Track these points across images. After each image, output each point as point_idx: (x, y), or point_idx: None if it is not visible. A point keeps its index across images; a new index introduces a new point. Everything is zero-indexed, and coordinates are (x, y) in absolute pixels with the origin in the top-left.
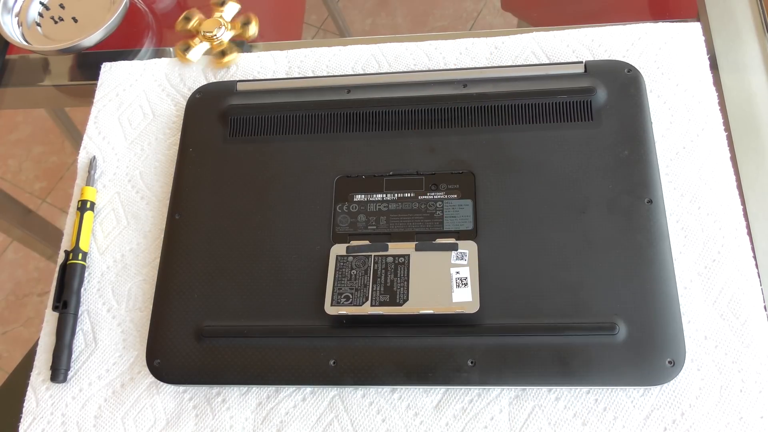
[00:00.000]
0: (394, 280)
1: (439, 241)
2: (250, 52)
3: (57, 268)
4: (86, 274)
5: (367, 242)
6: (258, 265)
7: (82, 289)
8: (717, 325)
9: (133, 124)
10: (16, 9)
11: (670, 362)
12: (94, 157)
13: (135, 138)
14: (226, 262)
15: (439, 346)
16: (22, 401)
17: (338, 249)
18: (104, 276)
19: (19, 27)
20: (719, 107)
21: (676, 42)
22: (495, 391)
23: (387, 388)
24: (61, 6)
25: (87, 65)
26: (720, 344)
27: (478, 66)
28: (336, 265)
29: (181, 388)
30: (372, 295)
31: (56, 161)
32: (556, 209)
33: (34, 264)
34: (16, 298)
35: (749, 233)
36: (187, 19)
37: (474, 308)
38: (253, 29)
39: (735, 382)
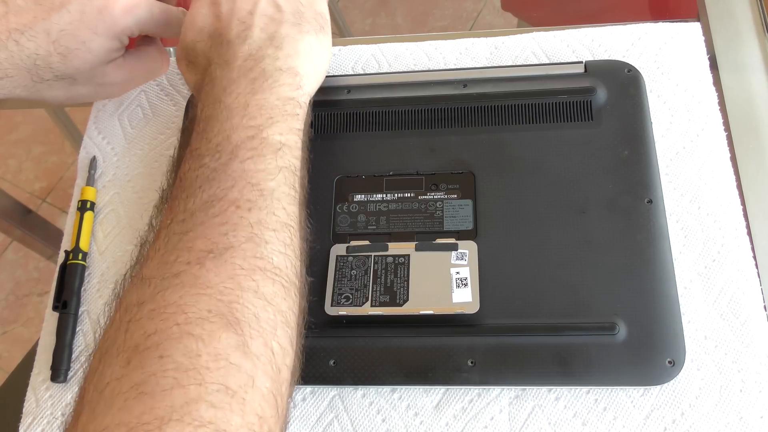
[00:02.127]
0: (394, 281)
1: (439, 241)
2: None
3: (57, 268)
4: (86, 274)
5: (367, 242)
6: None
7: (82, 289)
8: (717, 325)
9: (133, 124)
10: None
11: (670, 362)
12: (94, 157)
13: (135, 138)
14: None
15: (438, 346)
16: (22, 401)
17: (338, 249)
18: (104, 276)
19: None
20: (719, 107)
21: (676, 42)
22: (495, 391)
23: (387, 388)
24: None
25: None
26: (720, 344)
27: (478, 66)
28: (336, 265)
29: None
30: (372, 295)
31: (56, 161)
32: (556, 209)
33: (34, 264)
34: (16, 298)
35: (749, 233)
36: None
37: (474, 309)
38: None
39: (735, 382)
